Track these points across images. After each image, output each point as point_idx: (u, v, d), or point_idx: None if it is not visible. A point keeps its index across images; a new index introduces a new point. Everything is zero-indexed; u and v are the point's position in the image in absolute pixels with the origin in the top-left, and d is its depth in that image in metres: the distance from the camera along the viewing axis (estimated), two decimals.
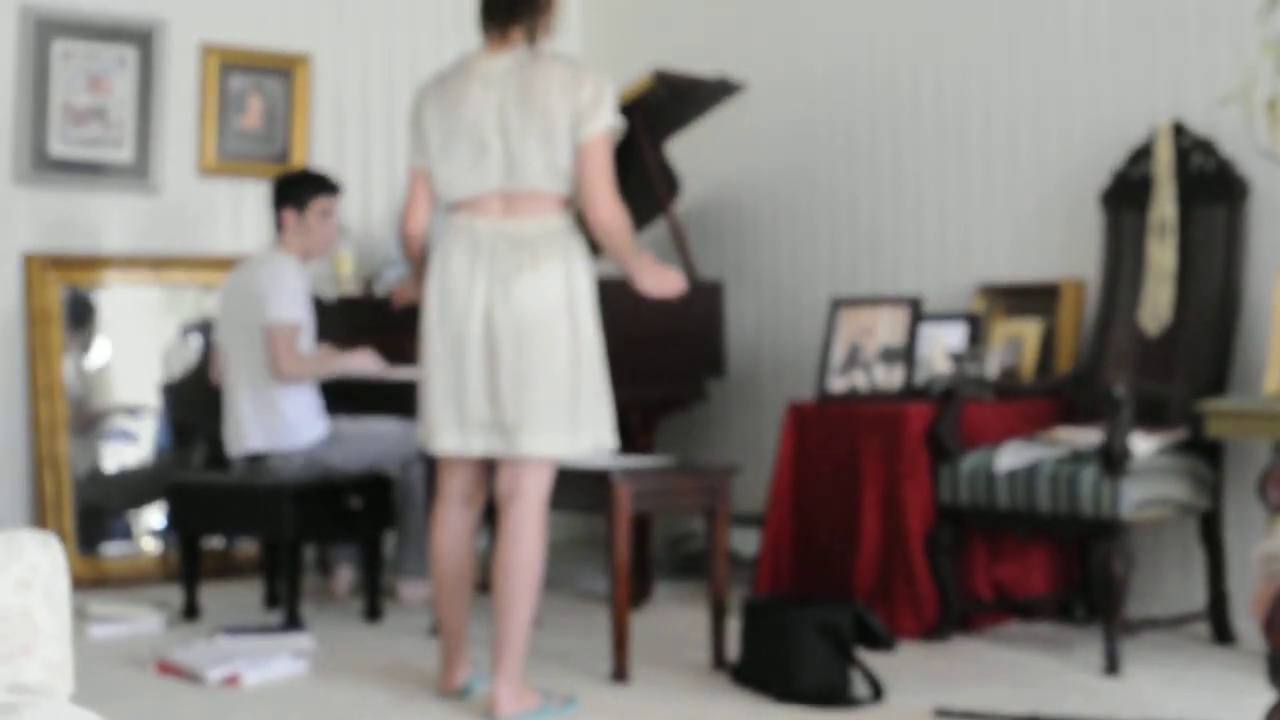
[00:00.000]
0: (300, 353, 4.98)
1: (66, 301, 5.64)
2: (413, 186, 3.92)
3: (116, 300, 5.74)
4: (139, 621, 4.83)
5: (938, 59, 5.52)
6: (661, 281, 3.92)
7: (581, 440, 3.78)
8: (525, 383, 3.71)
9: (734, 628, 4.38)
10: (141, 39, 5.81)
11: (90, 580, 5.50)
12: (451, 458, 3.89)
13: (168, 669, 4.24)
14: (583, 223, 3.97)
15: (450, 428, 3.79)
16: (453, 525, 3.94)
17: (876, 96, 5.72)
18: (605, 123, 3.75)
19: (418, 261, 4.01)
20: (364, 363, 5.14)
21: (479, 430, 3.77)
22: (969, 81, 5.42)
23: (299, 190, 5.11)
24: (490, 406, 3.74)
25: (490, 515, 4.16)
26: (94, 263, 5.70)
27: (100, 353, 5.72)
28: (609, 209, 3.78)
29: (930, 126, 5.55)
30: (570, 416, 3.74)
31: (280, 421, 4.99)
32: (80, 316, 5.68)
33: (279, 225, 5.12)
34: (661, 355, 5.23)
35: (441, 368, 3.79)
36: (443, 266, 3.80)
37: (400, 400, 5.02)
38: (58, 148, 5.67)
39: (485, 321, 3.73)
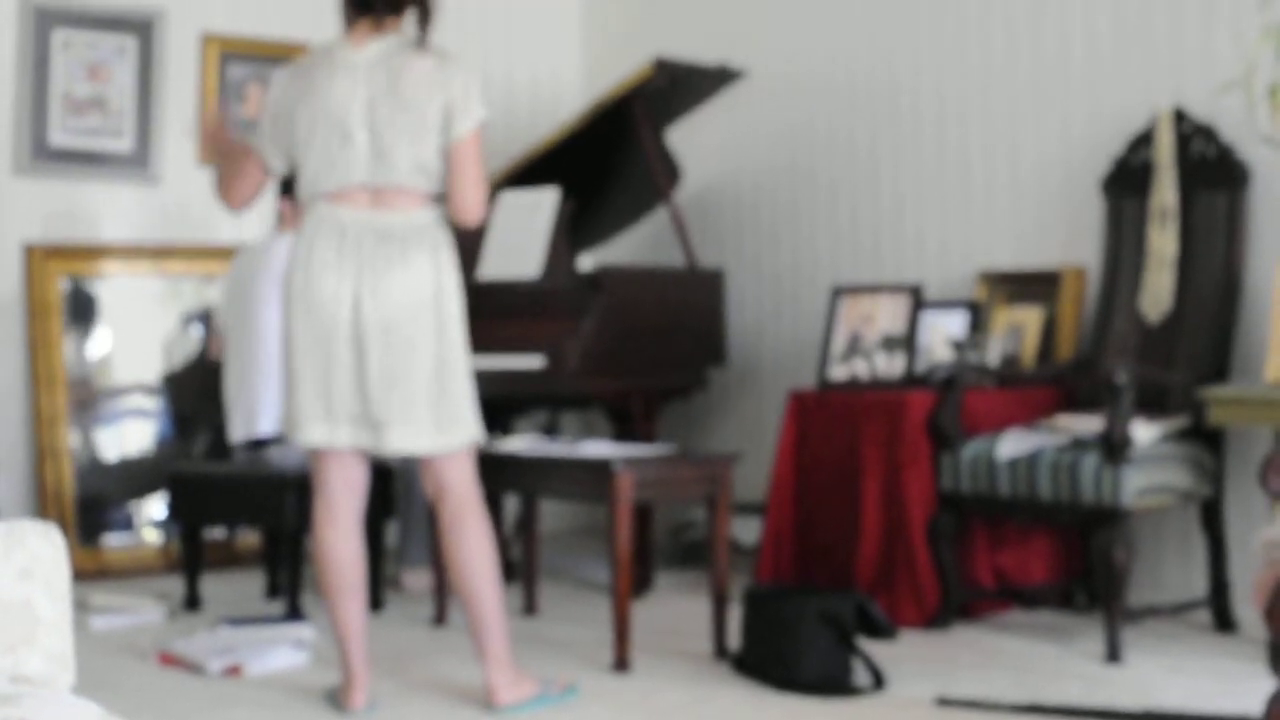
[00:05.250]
0: None
1: (67, 292, 5.64)
2: (247, 166, 3.79)
3: (117, 290, 5.74)
4: (140, 612, 4.84)
5: (939, 46, 5.51)
6: None
7: (452, 437, 3.72)
8: (394, 380, 3.65)
9: (735, 617, 4.38)
10: (141, 28, 5.80)
11: (91, 571, 5.51)
12: (328, 451, 3.77)
13: (169, 660, 4.24)
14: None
15: (318, 420, 3.70)
16: (339, 520, 3.80)
17: (877, 84, 5.71)
18: (477, 118, 3.69)
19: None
20: None
21: (347, 422, 3.70)
22: (970, 69, 5.42)
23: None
24: (358, 401, 3.68)
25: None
26: (94, 253, 5.70)
27: (101, 343, 5.72)
28: (480, 211, 3.73)
29: (931, 114, 5.54)
30: (434, 413, 3.68)
31: None
32: (81, 307, 5.68)
33: (281, 216, 5.12)
34: (662, 343, 5.23)
35: (309, 359, 3.69)
36: (307, 257, 3.70)
37: None
38: (58, 137, 5.66)
39: (353, 314, 3.65)
